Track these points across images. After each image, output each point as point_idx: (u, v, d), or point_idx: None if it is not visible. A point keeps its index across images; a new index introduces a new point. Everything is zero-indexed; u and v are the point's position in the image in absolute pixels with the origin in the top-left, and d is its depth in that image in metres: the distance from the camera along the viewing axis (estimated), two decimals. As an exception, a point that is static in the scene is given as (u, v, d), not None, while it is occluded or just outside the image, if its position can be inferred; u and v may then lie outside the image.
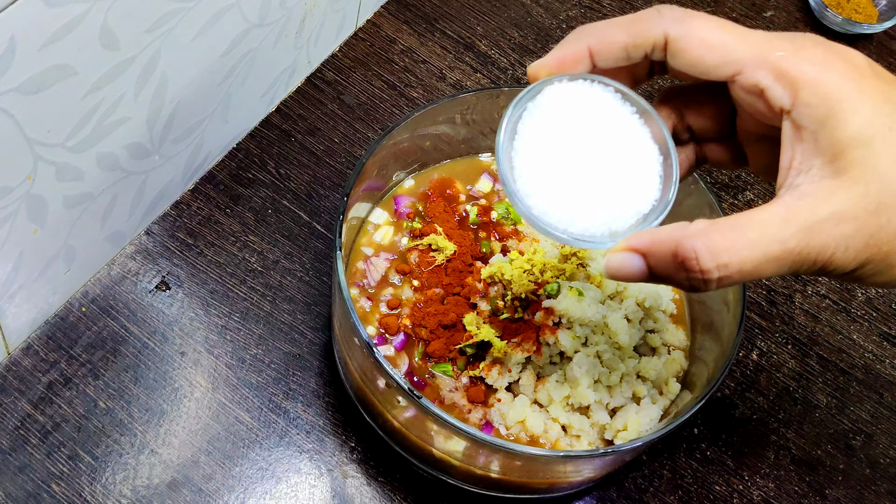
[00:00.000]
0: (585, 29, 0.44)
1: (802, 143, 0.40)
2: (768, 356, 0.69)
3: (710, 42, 0.42)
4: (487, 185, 0.65)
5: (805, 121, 0.40)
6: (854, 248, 0.39)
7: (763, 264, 0.39)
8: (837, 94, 0.39)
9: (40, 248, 0.57)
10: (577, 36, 0.45)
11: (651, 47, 0.43)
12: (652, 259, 0.41)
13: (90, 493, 0.57)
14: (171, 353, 0.63)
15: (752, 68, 0.41)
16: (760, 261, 0.39)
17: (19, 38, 0.45)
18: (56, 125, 0.51)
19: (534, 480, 0.56)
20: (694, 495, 0.62)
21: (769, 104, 0.41)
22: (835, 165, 0.39)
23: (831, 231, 0.39)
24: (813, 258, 0.39)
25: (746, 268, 0.39)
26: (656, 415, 0.56)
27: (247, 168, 0.71)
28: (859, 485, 0.64)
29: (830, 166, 0.39)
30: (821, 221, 0.39)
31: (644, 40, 0.43)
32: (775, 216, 0.39)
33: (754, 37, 0.42)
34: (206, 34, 0.59)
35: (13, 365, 0.61)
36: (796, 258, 0.39)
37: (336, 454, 0.60)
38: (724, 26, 0.42)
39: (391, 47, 0.80)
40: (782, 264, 0.39)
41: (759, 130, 0.45)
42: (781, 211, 0.39)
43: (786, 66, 0.40)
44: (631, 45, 0.43)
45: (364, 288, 0.60)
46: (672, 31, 0.42)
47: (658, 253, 0.40)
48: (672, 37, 0.42)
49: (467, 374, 0.57)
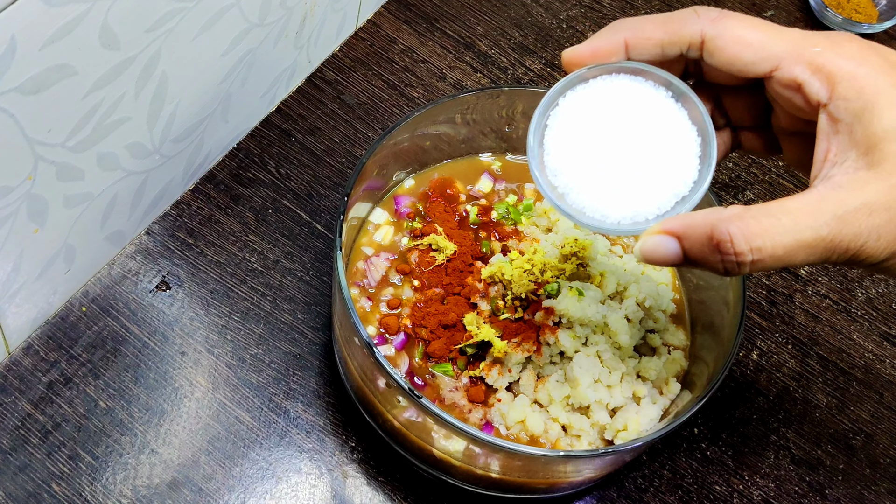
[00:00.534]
0: (622, 22, 0.45)
1: (838, 136, 0.41)
2: (768, 356, 0.69)
3: (747, 39, 0.43)
4: (488, 184, 0.65)
5: (841, 114, 0.41)
6: (886, 238, 0.40)
7: (795, 250, 0.40)
8: (874, 89, 0.40)
9: (40, 247, 0.57)
10: (614, 29, 0.46)
11: (687, 45, 0.44)
12: (687, 242, 0.41)
13: (90, 492, 0.57)
14: (172, 353, 0.63)
15: (789, 63, 0.42)
16: (793, 247, 0.40)
17: (19, 38, 0.45)
18: (56, 125, 0.51)
19: (534, 480, 0.56)
20: (694, 495, 0.62)
21: (806, 98, 0.42)
22: (869, 158, 0.40)
23: (863, 221, 0.40)
24: (845, 247, 0.40)
25: (779, 253, 0.40)
26: (656, 415, 0.56)
27: (247, 168, 0.71)
28: (859, 485, 0.64)
29: (864, 158, 0.40)
30: (853, 211, 0.40)
31: (680, 38, 0.44)
32: (808, 204, 0.40)
33: (791, 34, 0.43)
34: (206, 34, 0.59)
35: (13, 365, 0.61)
36: (828, 246, 0.40)
37: (336, 454, 0.60)
38: (760, 25, 0.43)
39: (391, 47, 0.80)
40: (814, 251, 0.40)
41: (795, 126, 0.46)
42: (815, 199, 0.40)
43: (822, 61, 0.41)
44: (667, 41, 0.45)
45: (364, 288, 0.60)
46: (709, 30, 0.44)
47: (693, 235, 0.41)
48: (709, 35, 0.43)
49: (467, 374, 0.57)
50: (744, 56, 0.43)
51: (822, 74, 0.41)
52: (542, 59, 0.82)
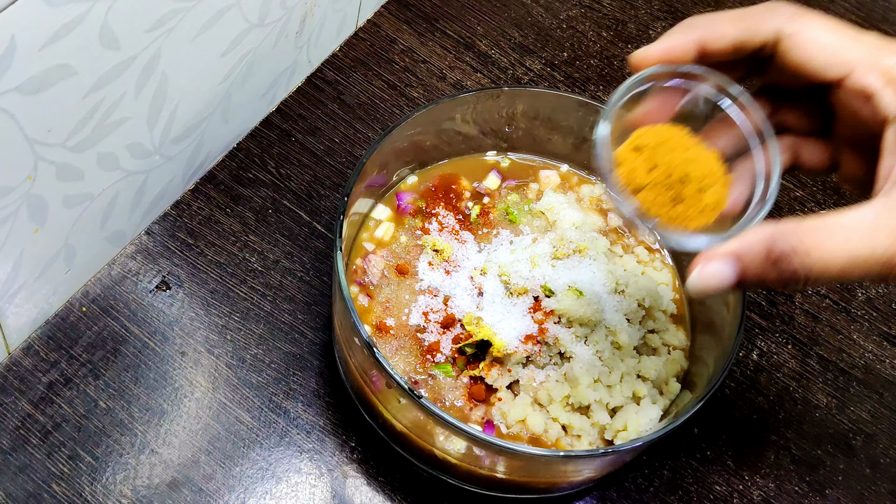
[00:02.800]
0: (695, 20, 0.44)
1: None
2: (768, 356, 0.69)
3: (823, 41, 0.41)
4: (495, 181, 0.65)
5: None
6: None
7: (849, 268, 0.38)
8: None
9: (41, 247, 0.57)
10: (686, 27, 0.44)
11: (762, 43, 0.43)
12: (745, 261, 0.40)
13: (90, 492, 0.57)
14: (172, 353, 0.63)
15: (863, 71, 0.41)
16: (846, 265, 0.38)
17: (19, 38, 0.45)
18: (56, 125, 0.51)
19: (534, 480, 0.56)
20: (694, 495, 0.62)
21: (875, 109, 0.41)
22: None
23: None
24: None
25: (833, 271, 0.38)
26: (656, 415, 0.56)
27: (247, 168, 0.71)
28: (859, 485, 0.64)
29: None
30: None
31: (756, 35, 0.43)
32: (863, 221, 0.39)
33: (867, 39, 0.42)
34: (206, 34, 0.59)
35: (13, 365, 0.61)
36: (885, 265, 0.38)
37: (336, 454, 0.60)
38: (837, 26, 0.42)
39: (391, 47, 0.80)
40: (870, 270, 0.38)
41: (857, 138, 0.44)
42: (871, 216, 0.39)
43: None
44: (743, 39, 0.43)
45: (364, 286, 0.60)
46: (786, 28, 0.42)
47: (750, 255, 0.39)
48: (785, 34, 0.42)
49: (467, 374, 0.57)
50: (817, 58, 0.41)
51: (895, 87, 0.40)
52: (542, 59, 0.82)
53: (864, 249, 0.38)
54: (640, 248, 0.64)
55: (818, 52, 0.41)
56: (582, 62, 0.82)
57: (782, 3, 0.43)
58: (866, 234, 0.38)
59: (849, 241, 0.38)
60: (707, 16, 0.44)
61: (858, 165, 0.45)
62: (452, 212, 0.63)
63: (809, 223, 0.39)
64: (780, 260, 0.39)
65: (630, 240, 0.64)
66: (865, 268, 0.38)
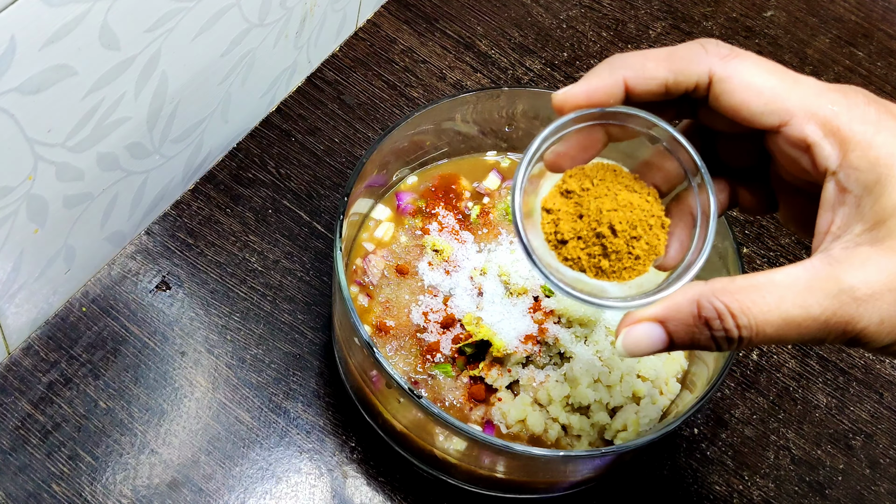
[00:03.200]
0: (621, 59, 0.41)
1: (844, 207, 0.38)
2: (768, 356, 0.69)
3: (758, 86, 0.39)
4: (495, 181, 0.65)
5: (851, 184, 0.37)
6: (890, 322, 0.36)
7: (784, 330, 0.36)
8: (888, 160, 0.37)
9: (40, 247, 0.57)
10: (611, 66, 0.41)
11: (694, 85, 0.40)
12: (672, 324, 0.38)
13: (90, 492, 0.57)
14: (172, 353, 0.63)
15: (800, 120, 0.38)
16: (780, 326, 0.36)
17: (19, 38, 0.45)
18: (56, 125, 0.51)
19: (534, 480, 0.56)
20: (694, 495, 0.62)
21: (814, 161, 0.38)
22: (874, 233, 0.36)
23: (862, 302, 0.36)
24: (841, 329, 0.36)
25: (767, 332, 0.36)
26: (656, 415, 0.56)
27: (247, 168, 0.71)
28: (859, 485, 0.64)
29: (869, 234, 0.37)
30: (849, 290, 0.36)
31: (686, 78, 0.40)
32: (798, 280, 0.36)
33: (805, 85, 0.39)
34: (206, 34, 0.59)
35: (13, 365, 0.61)
36: (822, 327, 0.36)
37: (336, 454, 0.61)
38: (773, 70, 0.39)
39: (391, 47, 0.80)
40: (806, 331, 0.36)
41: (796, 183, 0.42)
42: (806, 275, 0.37)
43: (838, 124, 0.38)
44: (672, 82, 0.40)
45: (364, 286, 0.60)
46: (718, 71, 0.39)
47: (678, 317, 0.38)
48: (717, 77, 0.39)
49: (467, 374, 0.57)
50: (752, 105, 0.39)
51: (835, 138, 0.38)
52: (542, 59, 0.82)
53: (797, 310, 0.36)
54: (639, 248, 0.64)
55: (753, 97, 0.39)
56: (582, 62, 0.82)
57: (713, 42, 0.40)
58: (800, 293, 0.36)
59: (783, 301, 0.36)
60: (634, 54, 0.41)
61: (798, 209, 0.43)
62: (452, 212, 0.63)
63: (741, 282, 0.37)
64: (709, 321, 0.37)
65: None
66: (801, 329, 0.36)
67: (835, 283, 0.36)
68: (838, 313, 0.36)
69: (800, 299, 0.36)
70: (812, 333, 0.37)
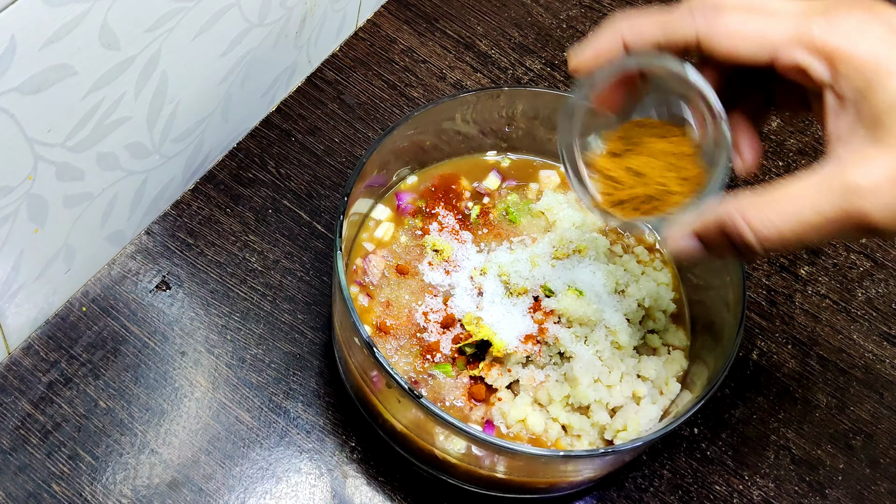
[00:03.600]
0: (618, 21, 0.45)
1: (846, 113, 0.41)
2: (768, 356, 0.69)
3: (742, 32, 0.42)
4: (495, 181, 0.65)
5: (846, 92, 0.41)
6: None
7: (803, 232, 0.40)
8: (874, 64, 0.40)
9: (40, 247, 0.57)
10: (612, 27, 0.45)
11: (683, 46, 0.44)
12: (704, 238, 0.43)
13: (90, 492, 0.57)
14: (172, 353, 0.63)
15: (788, 49, 0.41)
16: (797, 230, 0.40)
17: (19, 38, 0.45)
18: (56, 125, 0.51)
19: (534, 480, 0.56)
20: (694, 495, 0.62)
21: (811, 79, 0.41)
22: (874, 133, 0.40)
23: (868, 195, 0.39)
24: (855, 223, 0.40)
25: (786, 235, 0.40)
26: (656, 415, 0.56)
27: (247, 168, 0.71)
28: (859, 485, 0.64)
29: (871, 134, 0.40)
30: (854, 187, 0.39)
31: (675, 40, 0.44)
32: (811, 187, 0.40)
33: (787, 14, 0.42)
34: (206, 34, 0.59)
35: (13, 365, 0.61)
36: (837, 225, 0.40)
37: (336, 454, 0.61)
38: (756, 11, 0.42)
39: (391, 47, 0.80)
40: (825, 231, 0.40)
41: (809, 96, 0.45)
42: (815, 180, 0.40)
43: (821, 41, 0.41)
44: (664, 42, 0.44)
45: (364, 286, 0.60)
46: (703, 29, 0.43)
47: (707, 231, 0.43)
48: (703, 35, 0.43)
49: (467, 374, 0.57)
50: (741, 50, 0.42)
51: (821, 55, 0.41)
52: (542, 59, 0.82)
53: (813, 215, 0.40)
54: (639, 247, 0.64)
55: (740, 43, 0.42)
56: (582, 62, 0.82)
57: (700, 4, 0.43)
58: (812, 197, 0.40)
59: (796, 206, 0.40)
60: (633, 17, 0.45)
61: None
62: (452, 212, 0.63)
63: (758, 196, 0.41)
64: (730, 236, 0.41)
65: (630, 239, 0.64)
66: (820, 231, 0.40)
67: (840, 182, 0.40)
68: (849, 210, 0.39)
69: (813, 203, 0.40)
70: (830, 232, 0.40)
